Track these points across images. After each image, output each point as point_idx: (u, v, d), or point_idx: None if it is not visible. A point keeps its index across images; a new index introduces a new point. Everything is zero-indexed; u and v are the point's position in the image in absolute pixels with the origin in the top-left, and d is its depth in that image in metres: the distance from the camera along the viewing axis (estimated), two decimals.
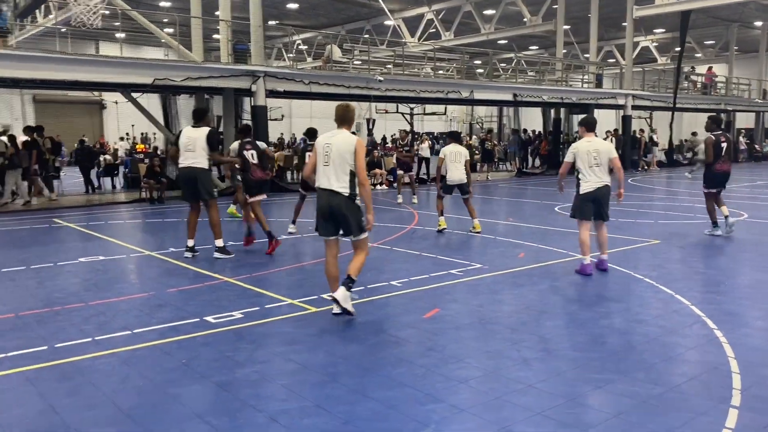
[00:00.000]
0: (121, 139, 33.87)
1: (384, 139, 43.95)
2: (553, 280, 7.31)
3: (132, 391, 4.21)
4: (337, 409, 3.90)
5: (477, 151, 26.68)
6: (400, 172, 16.59)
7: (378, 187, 19.24)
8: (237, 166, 9.29)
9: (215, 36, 25.74)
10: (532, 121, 34.41)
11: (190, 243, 8.63)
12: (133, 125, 34.59)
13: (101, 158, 22.10)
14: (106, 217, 13.25)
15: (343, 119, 5.93)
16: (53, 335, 5.33)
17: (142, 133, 35.47)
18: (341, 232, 5.86)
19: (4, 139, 15.58)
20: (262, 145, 9.53)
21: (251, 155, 9.17)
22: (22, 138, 16.56)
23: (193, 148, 8.19)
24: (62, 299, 6.51)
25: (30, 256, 8.88)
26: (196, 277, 7.50)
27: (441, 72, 30.07)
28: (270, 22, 31.73)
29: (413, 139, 25.23)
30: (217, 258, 8.45)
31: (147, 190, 15.88)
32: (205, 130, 8.29)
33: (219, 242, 8.54)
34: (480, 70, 33.44)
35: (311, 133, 10.21)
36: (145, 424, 3.72)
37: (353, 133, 6.10)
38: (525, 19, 28.12)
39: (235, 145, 9.50)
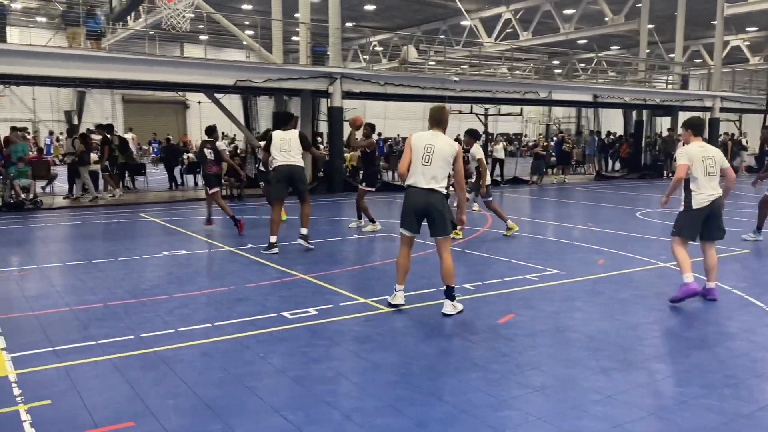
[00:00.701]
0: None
1: (457, 140, 43.75)
2: (634, 288, 7.05)
3: (212, 382, 4.35)
4: (410, 411, 3.90)
5: (553, 153, 26.10)
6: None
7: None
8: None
9: (294, 38, 26.28)
10: (612, 122, 33.35)
11: (274, 239, 8.96)
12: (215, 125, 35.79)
13: (184, 156, 22.97)
14: (188, 213, 13.78)
15: (439, 120, 6.02)
16: (139, 325, 5.58)
17: (223, 133, 36.63)
18: (429, 231, 6.04)
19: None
20: (220, 145, 11.26)
21: (209, 153, 10.85)
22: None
23: (289, 148, 8.76)
24: (147, 291, 6.81)
25: (118, 248, 9.33)
26: (274, 273, 7.68)
27: (518, 72, 29.62)
28: (347, 24, 32.15)
29: (488, 143, 24.94)
30: (300, 243, 9.04)
31: (227, 187, 16.38)
32: (296, 131, 8.96)
33: (305, 231, 9.07)
34: (558, 71, 32.72)
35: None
36: (224, 415, 3.84)
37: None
38: (606, 19, 27.29)
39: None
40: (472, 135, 10.75)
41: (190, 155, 23.86)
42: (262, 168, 11.61)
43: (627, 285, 7.18)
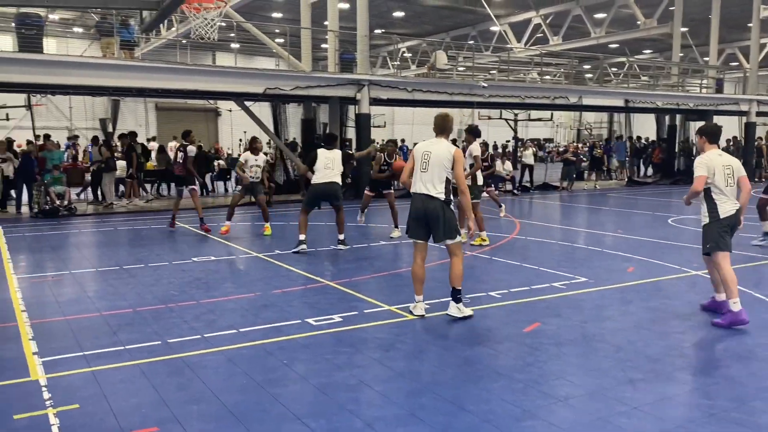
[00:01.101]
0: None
1: (486, 144, 43.53)
2: (664, 297, 6.92)
3: (236, 388, 4.39)
4: (433, 420, 3.87)
5: (585, 158, 25.80)
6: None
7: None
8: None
9: (323, 45, 26.49)
10: (645, 127, 32.83)
11: (303, 237, 9.46)
12: (245, 132, 36.17)
13: (216, 163, 23.26)
14: (218, 219, 13.92)
15: (442, 128, 6.14)
16: (167, 331, 5.66)
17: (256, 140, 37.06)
18: (432, 237, 6.03)
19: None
20: (191, 150, 11.66)
21: (179, 156, 11.66)
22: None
23: (332, 167, 9.47)
24: (176, 296, 6.90)
25: (148, 254, 9.49)
26: (299, 280, 7.72)
27: (548, 77, 29.36)
28: (376, 31, 32.28)
29: (517, 148, 24.76)
30: (340, 248, 9.72)
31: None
32: (339, 152, 9.75)
33: (342, 236, 9.84)
34: (589, 75, 32.35)
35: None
36: (247, 421, 3.87)
37: (453, 141, 6.23)
38: (639, 22, 26.87)
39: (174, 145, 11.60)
40: (471, 132, 10.27)
41: (221, 162, 24.19)
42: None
43: (657, 294, 7.05)
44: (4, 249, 9.89)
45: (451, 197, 5.95)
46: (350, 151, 11.22)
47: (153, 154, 20.40)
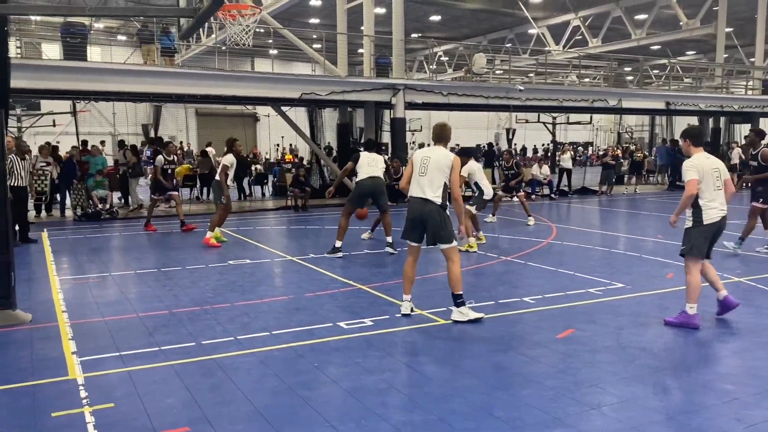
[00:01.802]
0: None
1: (511, 152, 43.09)
2: (703, 304, 6.70)
3: (267, 390, 4.43)
4: (461, 426, 3.85)
5: (624, 163, 25.35)
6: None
7: (515, 198, 18.83)
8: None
9: (360, 50, 26.63)
10: None
11: (339, 244, 9.59)
12: (282, 137, 36.63)
13: (253, 167, 23.55)
14: (254, 223, 14.12)
15: (440, 137, 6.35)
16: (201, 332, 5.75)
17: (290, 144, 37.48)
18: (425, 240, 6.19)
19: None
20: (159, 159, 12.42)
21: (158, 160, 12.47)
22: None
23: (375, 165, 9.74)
24: (211, 299, 7.01)
25: (186, 257, 9.66)
26: (332, 283, 7.76)
27: (587, 80, 28.93)
28: (412, 35, 32.30)
29: (555, 152, 24.47)
30: (389, 251, 9.71)
31: (293, 198, 16.69)
32: (381, 157, 10.16)
33: (390, 239, 9.90)
34: (630, 78, 31.78)
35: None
36: (277, 424, 3.90)
37: (452, 149, 6.36)
38: (681, 23, 26.32)
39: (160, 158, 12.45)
40: (463, 154, 10.11)
41: (258, 167, 24.50)
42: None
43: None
44: (48, 251, 10.20)
45: (447, 203, 6.10)
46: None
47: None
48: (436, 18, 30.95)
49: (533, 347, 5.33)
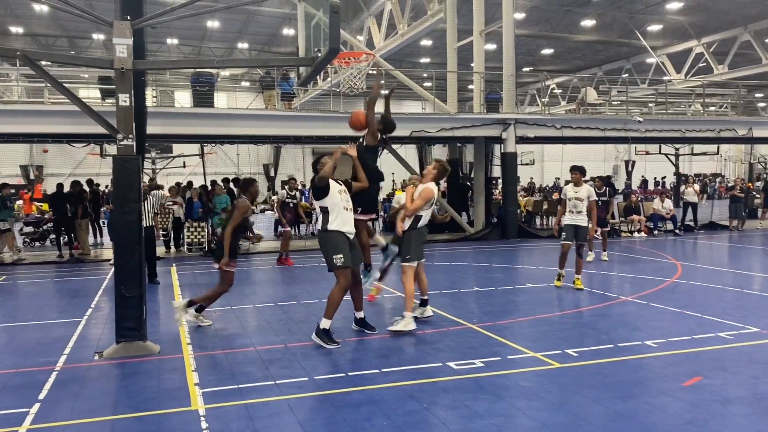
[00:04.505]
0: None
1: (645, 181, 41.08)
2: None
3: (375, 429, 4.43)
4: None
5: (758, 196, 23.45)
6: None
7: (636, 234, 17.95)
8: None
9: (470, 86, 26.72)
10: None
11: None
12: (393, 173, 37.24)
13: None
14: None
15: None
16: (314, 368, 5.88)
17: (403, 180, 37.97)
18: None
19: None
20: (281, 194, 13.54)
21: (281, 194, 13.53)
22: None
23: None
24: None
25: (300, 291, 9.96)
26: (442, 322, 7.70)
27: (712, 108, 27.32)
28: (524, 69, 32.04)
29: (678, 184, 23.13)
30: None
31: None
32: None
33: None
34: (762, 104, 29.66)
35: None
36: None
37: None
38: None
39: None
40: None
41: None
42: None
43: None
44: (176, 284, 10.88)
45: (417, 225, 7.37)
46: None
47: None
48: (548, 51, 30.59)
49: (657, 395, 5.00)
